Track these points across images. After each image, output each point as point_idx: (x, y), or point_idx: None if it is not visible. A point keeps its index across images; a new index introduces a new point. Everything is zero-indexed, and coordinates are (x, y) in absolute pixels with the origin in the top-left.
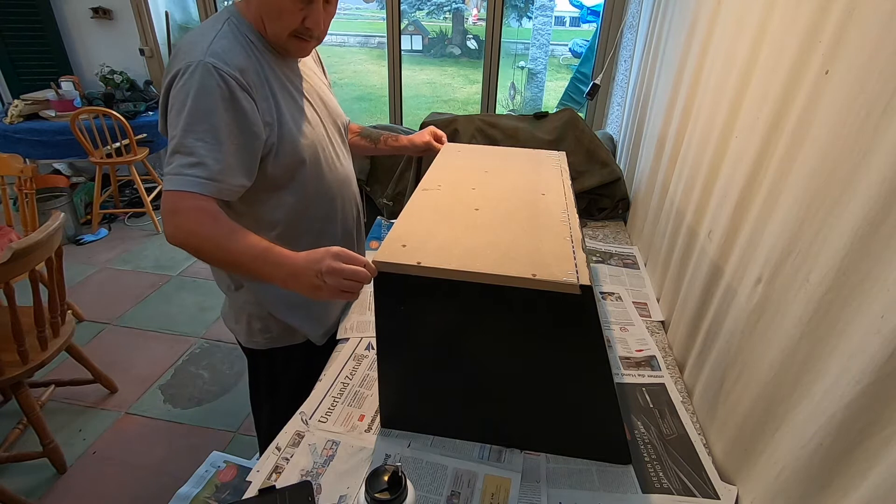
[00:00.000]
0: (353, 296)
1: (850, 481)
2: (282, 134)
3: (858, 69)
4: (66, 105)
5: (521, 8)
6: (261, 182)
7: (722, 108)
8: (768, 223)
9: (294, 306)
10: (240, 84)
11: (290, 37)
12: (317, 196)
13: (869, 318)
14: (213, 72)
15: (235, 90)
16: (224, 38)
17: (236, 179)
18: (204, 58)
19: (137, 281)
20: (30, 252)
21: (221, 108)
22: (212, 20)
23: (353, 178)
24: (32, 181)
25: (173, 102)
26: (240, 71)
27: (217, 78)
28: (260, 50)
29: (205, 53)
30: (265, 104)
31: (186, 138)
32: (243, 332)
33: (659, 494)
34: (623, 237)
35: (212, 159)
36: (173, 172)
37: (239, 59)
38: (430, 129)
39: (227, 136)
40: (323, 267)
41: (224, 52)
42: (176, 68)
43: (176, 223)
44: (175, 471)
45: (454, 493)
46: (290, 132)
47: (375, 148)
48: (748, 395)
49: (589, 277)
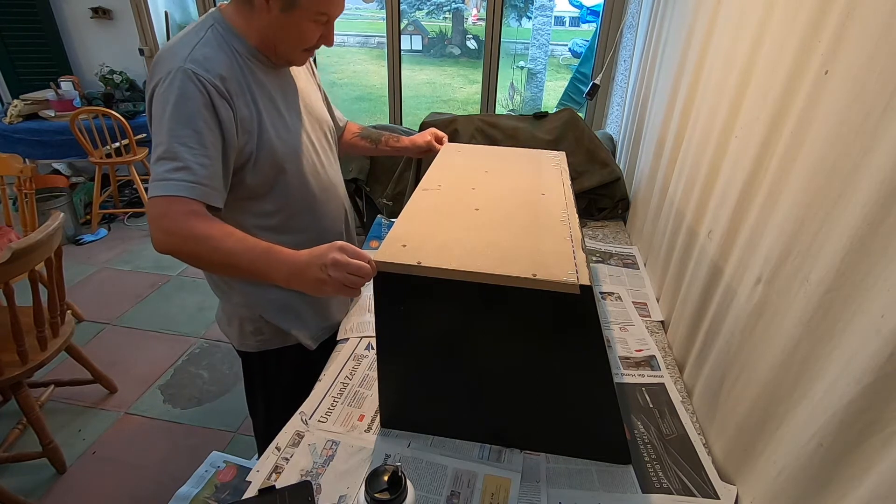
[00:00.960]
0: (356, 292)
1: (850, 481)
2: (261, 143)
3: (858, 69)
4: (65, 105)
5: (521, 8)
6: (241, 191)
7: (722, 108)
8: (768, 223)
9: (284, 309)
10: (219, 91)
11: (301, 52)
12: (300, 204)
13: (869, 318)
14: (192, 77)
15: (215, 97)
16: (206, 46)
17: (221, 184)
18: (184, 64)
19: (137, 281)
20: (29, 252)
21: (204, 114)
22: (195, 27)
23: (339, 184)
24: (32, 181)
25: (156, 109)
26: (220, 79)
27: (197, 84)
28: (244, 57)
29: (185, 60)
30: (246, 112)
31: (170, 144)
32: (236, 334)
33: (659, 494)
34: (623, 237)
35: (197, 164)
36: (159, 178)
37: (220, 67)
38: (431, 130)
39: (210, 141)
40: (328, 260)
41: (205, 59)
42: (157, 77)
43: (166, 228)
44: (175, 471)
45: (454, 493)
46: (269, 141)
47: (376, 148)
48: (748, 395)
49: (589, 277)
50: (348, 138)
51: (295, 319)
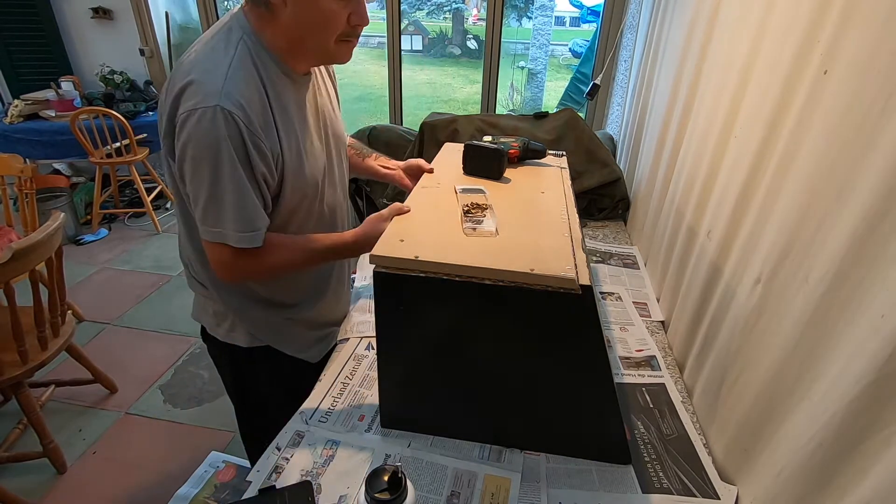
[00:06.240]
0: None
1: (850, 481)
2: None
3: (857, 69)
4: (66, 105)
5: (521, 8)
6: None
7: (721, 108)
8: (767, 223)
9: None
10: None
11: (337, 43)
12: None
13: (869, 318)
14: (228, 117)
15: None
16: (237, 73)
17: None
18: (219, 101)
19: (137, 281)
20: (30, 252)
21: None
22: (223, 37)
23: (345, 199)
24: (32, 181)
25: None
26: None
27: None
28: (274, 75)
29: (219, 95)
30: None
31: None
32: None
33: (659, 494)
34: (623, 237)
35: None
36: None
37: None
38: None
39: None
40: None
41: (240, 93)
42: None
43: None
44: (175, 471)
45: (454, 493)
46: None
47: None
48: (748, 395)
49: (589, 277)
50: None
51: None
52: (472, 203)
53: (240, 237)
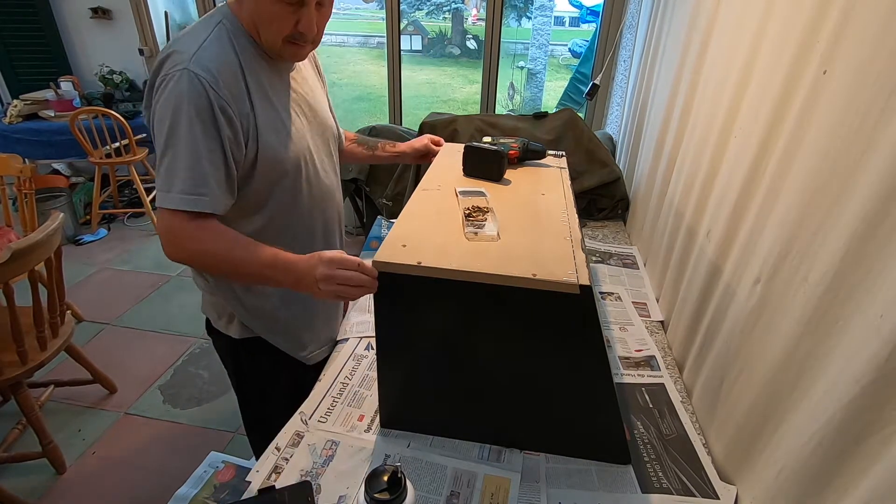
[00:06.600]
0: (354, 297)
1: (850, 481)
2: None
3: (856, 69)
4: (65, 105)
5: (521, 8)
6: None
7: (721, 108)
8: (767, 223)
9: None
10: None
11: (285, 42)
12: (294, 209)
13: (868, 318)
14: (195, 80)
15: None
16: (212, 45)
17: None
18: (188, 65)
19: (137, 281)
20: (29, 252)
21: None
22: (204, 21)
23: (336, 191)
24: (32, 181)
25: (159, 111)
26: (223, 82)
27: (200, 87)
28: (251, 55)
29: (190, 60)
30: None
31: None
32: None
33: (658, 494)
34: (622, 237)
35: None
36: (164, 188)
37: (224, 69)
38: (428, 135)
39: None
40: (317, 275)
41: (209, 59)
42: (162, 72)
43: (174, 242)
44: (174, 471)
45: (454, 493)
46: (269, 146)
47: (373, 155)
48: (748, 395)
49: (588, 277)
50: (346, 146)
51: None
52: (473, 206)
53: (181, 199)
